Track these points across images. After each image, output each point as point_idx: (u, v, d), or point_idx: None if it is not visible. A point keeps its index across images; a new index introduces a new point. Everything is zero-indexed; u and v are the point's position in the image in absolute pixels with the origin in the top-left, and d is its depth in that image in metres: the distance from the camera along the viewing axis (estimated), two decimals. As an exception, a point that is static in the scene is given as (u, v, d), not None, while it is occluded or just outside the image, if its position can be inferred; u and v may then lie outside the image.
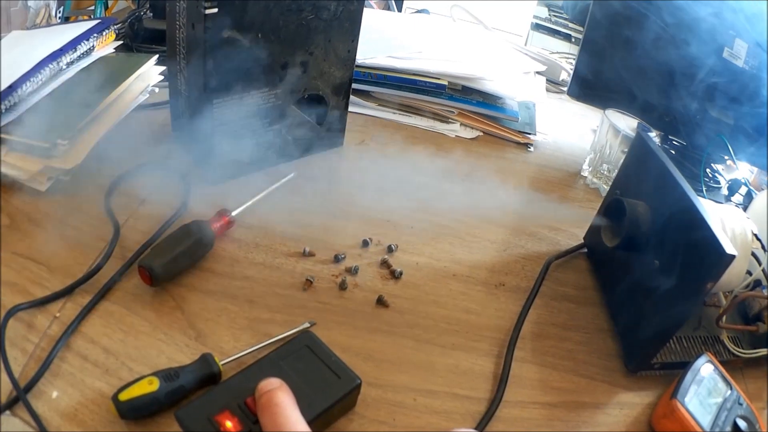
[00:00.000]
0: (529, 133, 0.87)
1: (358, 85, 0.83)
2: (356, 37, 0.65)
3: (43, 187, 0.56)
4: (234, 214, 0.56)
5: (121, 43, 0.72)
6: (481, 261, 0.62)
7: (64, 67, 0.62)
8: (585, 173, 0.82)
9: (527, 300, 0.57)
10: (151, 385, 0.39)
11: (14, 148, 0.55)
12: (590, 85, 0.91)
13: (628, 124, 0.77)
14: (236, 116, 0.60)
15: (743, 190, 0.85)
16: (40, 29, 0.79)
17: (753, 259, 0.56)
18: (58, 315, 0.46)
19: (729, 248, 0.43)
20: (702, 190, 0.82)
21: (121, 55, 0.71)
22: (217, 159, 0.61)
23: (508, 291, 0.59)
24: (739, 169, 0.90)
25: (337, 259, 0.57)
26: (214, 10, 0.52)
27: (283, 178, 0.61)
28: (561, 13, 1.37)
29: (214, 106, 0.57)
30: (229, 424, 0.37)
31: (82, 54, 0.65)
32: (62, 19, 1.06)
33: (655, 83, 0.83)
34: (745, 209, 0.75)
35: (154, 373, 0.40)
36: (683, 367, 0.49)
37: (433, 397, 0.46)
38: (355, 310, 0.52)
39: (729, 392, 0.48)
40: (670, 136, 0.89)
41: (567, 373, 0.51)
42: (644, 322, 0.52)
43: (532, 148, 0.87)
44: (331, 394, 0.40)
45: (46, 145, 0.55)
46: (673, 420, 0.45)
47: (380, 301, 0.53)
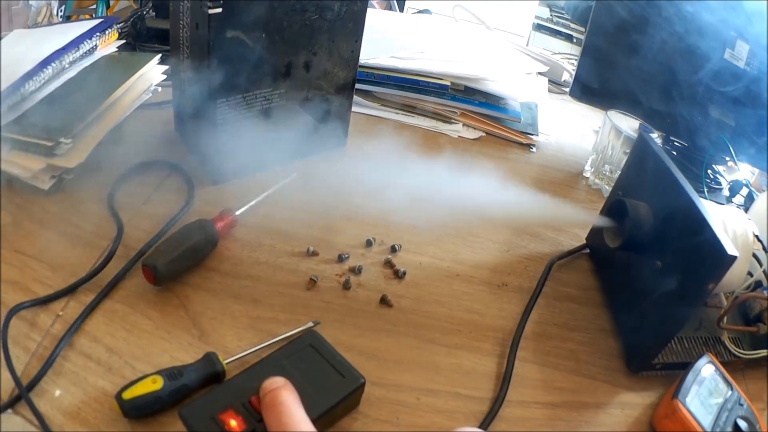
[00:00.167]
0: (532, 134, 0.87)
1: (360, 86, 0.83)
2: (359, 37, 0.65)
3: (46, 186, 0.56)
4: (237, 213, 0.56)
5: (123, 42, 0.72)
6: (484, 261, 0.62)
7: (67, 66, 0.61)
8: (587, 174, 0.82)
9: (530, 300, 0.57)
10: (154, 384, 0.39)
11: (17, 146, 0.55)
12: (592, 86, 0.91)
13: (630, 125, 0.77)
14: (240, 116, 0.60)
15: (744, 191, 0.85)
16: (42, 28, 0.79)
17: (754, 261, 0.56)
18: (61, 313, 0.46)
19: (730, 249, 0.44)
20: (703, 191, 0.82)
21: (123, 55, 0.71)
22: (221, 158, 0.61)
23: (511, 291, 0.59)
24: (740, 171, 0.90)
25: (341, 259, 0.57)
26: (218, 10, 0.52)
27: (286, 178, 0.61)
28: (562, 14, 1.37)
29: (218, 105, 0.57)
30: (233, 423, 0.37)
31: (85, 53, 0.64)
32: (64, 18, 1.06)
33: (657, 84, 0.83)
34: (746, 210, 0.75)
35: (158, 372, 0.40)
36: (684, 367, 0.49)
37: (436, 397, 0.46)
38: (358, 310, 0.52)
39: (730, 393, 0.48)
40: (671, 137, 0.89)
41: (569, 373, 0.51)
42: (646, 323, 0.52)
43: (534, 149, 0.87)
44: (335, 393, 0.41)
45: (49, 144, 0.54)
46: (674, 420, 0.45)
47: (384, 301, 0.53)
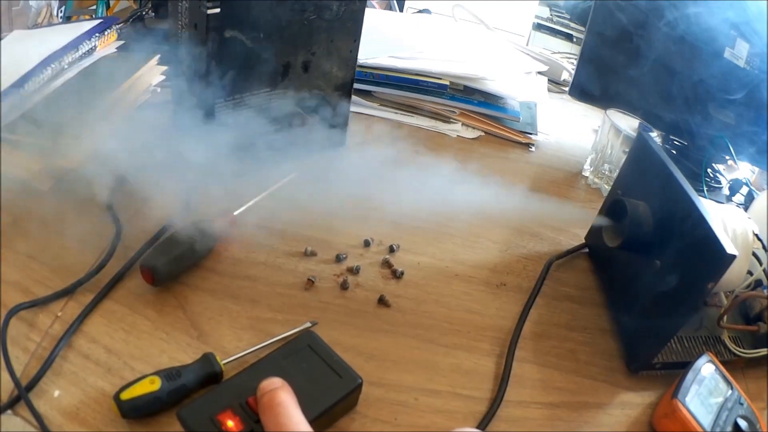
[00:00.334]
0: (531, 133, 0.87)
1: (359, 85, 0.83)
2: (358, 37, 0.65)
3: (46, 186, 0.56)
4: (236, 213, 0.56)
5: (123, 42, 0.72)
6: (483, 261, 0.62)
7: (66, 67, 0.61)
8: (586, 173, 0.82)
9: (529, 300, 0.57)
10: (153, 385, 0.39)
11: (17, 147, 0.55)
12: (592, 85, 0.91)
13: (629, 124, 0.77)
14: (238, 116, 0.60)
15: (744, 190, 0.85)
16: (42, 29, 0.79)
17: (754, 259, 0.56)
18: (60, 314, 0.46)
19: (730, 248, 0.43)
20: (703, 190, 0.82)
21: (123, 55, 0.71)
22: (219, 158, 0.61)
23: (510, 291, 0.59)
24: (740, 169, 0.90)
25: (339, 259, 0.57)
26: (216, 10, 0.52)
27: (284, 178, 0.61)
28: (562, 13, 1.37)
29: (217, 105, 0.57)
30: (230, 424, 0.37)
31: (84, 54, 0.65)
32: (64, 18, 1.06)
33: (657, 83, 0.83)
34: (746, 209, 0.75)
35: (156, 373, 0.40)
36: (684, 367, 0.49)
37: (435, 397, 0.46)
38: (356, 310, 0.52)
39: (730, 392, 0.48)
40: (671, 136, 0.89)
41: (568, 373, 0.51)
42: (645, 322, 0.52)
43: (533, 148, 0.87)
44: (332, 393, 0.40)
45: (49, 144, 0.55)
46: (674, 420, 0.45)
47: (382, 301, 0.53)
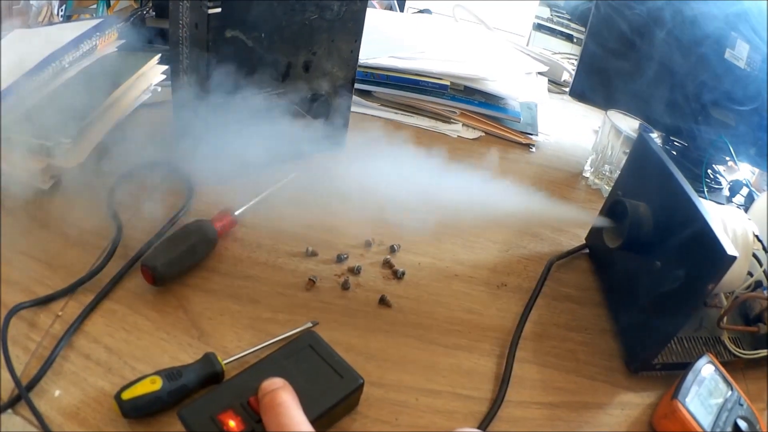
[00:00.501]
0: (531, 134, 0.87)
1: (360, 85, 0.83)
2: (359, 37, 0.65)
3: (46, 186, 0.56)
4: (237, 213, 0.56)
5: (123, 41, 0.72)
6: (484, 261, 0.62)
7: (67, 66, 0.62)
8: (587, 174, 0.82)
9: (529, 300, 0.57)
10: (154, 384, 0.39)
11: (17, 146, 0.55)
12: (592, 86, 0.91)
13: (629, 124, 0.77)
14: (239, 116, 0.60)
15: (744, 191, 0.85)
16: (43, 28, 0.79)
17: (754, 261, 0.56)
18: (61, 314, 0.46)
19: (730, 249, 0.44)
20: (703, 191, 0.82)
21: (123, 54, 0.71)
22: (220, 158, 0.61)
23: (510, 291, 0.59)
24: (740, 171, 0.90)
25: (340, 259, 0.57)
26: (218, 10, 0.52)
27: (285, 178, 0.61)
28: (563, 14, 1.37)
29: (217, 105, 0.57)
30: (232, 424, 0.37)
31: (85, 53, 0.65)
32: (64, 17, 1.06)
33: (657, 84, 0.83)
34: (746, 210, 0.75)
35: (157, 373, 0.40)
36: (684, 367, 0.49)
37: (436, 397, 0.46)
38: (357, 310, 0.52)
39: (730, 393, 0.48)
40: (671, 137, 0.89)
41: (568, 373, 0.51)
42: (646, 323, 0.52)
43: (534, 149, 0.87)
44: (334, 393, 0.40)
45: (49, 144, 0.54)
46: (674, 420, 0.45)
47: (383, 301, 0.53)
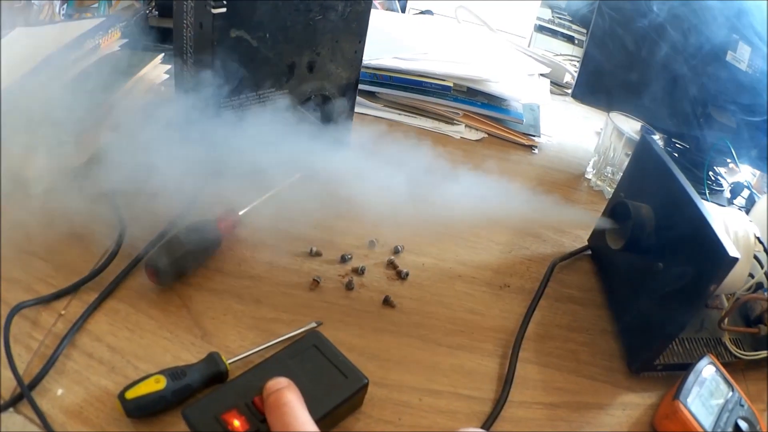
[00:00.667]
0: (534, 135, 0.87)
1: (363, 86, 0.83)
2: (363, 37, 0.65)
3: (49, 185, 0.56)
4: (241, 213, 0.56)
5: (126, 41, 0.72)
6: (486, 262, 0.62)
7: (69, 65, 0.62)
8: (589, 176, 0.82)
9: (532, 301, 0.57)
10: (158, 384, 0.39)
11: (20, 145, 0.55)
12: (594, 88, 0.91)
13: (632, 126, 0.77)
14: (243, 116, 0.60)
15: (746, 193, 0.85)
16: (45, 27, 0.79)
17: (755, 262, 0.56)
18: (64, 312, 0.46)
19: (732, 251, 0.44)
20: (705, 193, 0.82)
21: (126, 54, 0.71)
22: (224, 158, 0.61)
23: (513, 292, 0.59)
24: (741, 173, 0.90)
25: (344, 260, 0.57)
26: (222, 10, 0.52)
27: (289, 178, 0.61)
28: (564, 15, 1.37)
29: (221, 105, 0.57)
30: (236, 423, 0.37)
31: (87, 52, 0.65)
32: (66, 16, 1.06)
33: (659, 86, 0.83)
34: (747, 212, 0.75)
35: (161, 372, 0.40)
36: (685, 368, 0.49)
37: (439, 397, 0.47)
38: (361, 310, 0.52)
39: (730, 394, 0.49)
40: (673, 139, 0.89)
41: (570, 373, 0.51)
42: (647, 324, 0.52)
43: (536, 150, 0.87)
44: (338, 393, 0.41)
45: (52, 143, 0.54)
46: (675, 421, 0.46)
47: (386, 302, 0.53)
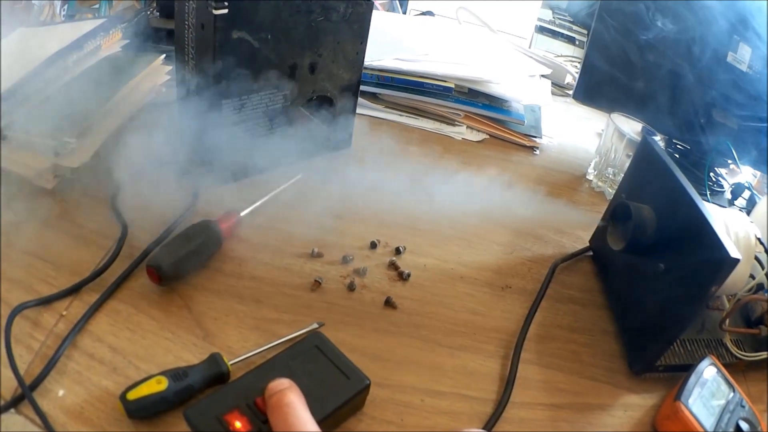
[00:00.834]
0: (535, 136, 0.88)
1: (365, 87, 0.83)
2: (365, 38, 0.65)
3: (50, 185, 0.56)
4: (242, 214, 0.56)
5: (127, 42, 0.72)
6: (488, 263, 0.62)
7: (70, 66, 0.61)
8: (590, 177, 0.82)
9: (534, 302, 0.57)
10: (159, 385, 0.39)
11: (21, 145, 0.55)
12: (595, 89, 0.91)
13: (633, 127, 0.77)
14: (244, 117, 0.60)
15: (746, 194, 0.85)
16: (46, 27, 0.79)
17: (756, 263, 0.56)
18: (65, 313, 0.46)
19: (733, 252, 0.44)
20: (706, 194, 0.82)
21: (127, 54, 0.71)
22: (226, 159, 0.61)
23: (515, 293, 0.59)
24: (742, 174, 0.90)
25: (346, 260, 0.57)
26: (224, 11, 0.52)
27: (291, 179, 0.61)
28: (565, 16, 1.37)
29: (223, 106, 0.57)
30: (238, 424, 0.37)
31: (89, 53, 0.65)
32: (67, 17, 1.06)
33: (660, 87, 0.83)
34: (748, 213, 0.75)
35: (163, 373, 0.40)
36: (687, 369, 0.49)
37: (441, 398, 0.47)
38: (363, 311, 0.52)
39: (732, 394, 0.49)
40: (674, 140, 0.89)
41: (572, 374, 0.51)
42: (649, 325, 0.52)
43: (537, 151, 0.87)
44: (340, 394, 0.41)
45: (54, 143, 0.54)
46: (676, 421, 0.46)
47: (388, 303, 0.53)
